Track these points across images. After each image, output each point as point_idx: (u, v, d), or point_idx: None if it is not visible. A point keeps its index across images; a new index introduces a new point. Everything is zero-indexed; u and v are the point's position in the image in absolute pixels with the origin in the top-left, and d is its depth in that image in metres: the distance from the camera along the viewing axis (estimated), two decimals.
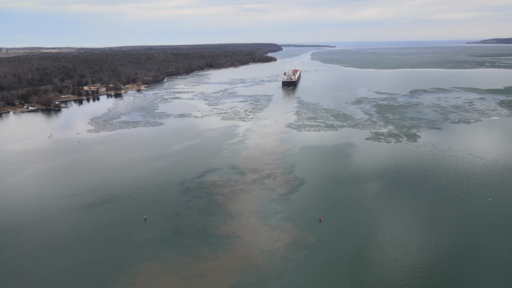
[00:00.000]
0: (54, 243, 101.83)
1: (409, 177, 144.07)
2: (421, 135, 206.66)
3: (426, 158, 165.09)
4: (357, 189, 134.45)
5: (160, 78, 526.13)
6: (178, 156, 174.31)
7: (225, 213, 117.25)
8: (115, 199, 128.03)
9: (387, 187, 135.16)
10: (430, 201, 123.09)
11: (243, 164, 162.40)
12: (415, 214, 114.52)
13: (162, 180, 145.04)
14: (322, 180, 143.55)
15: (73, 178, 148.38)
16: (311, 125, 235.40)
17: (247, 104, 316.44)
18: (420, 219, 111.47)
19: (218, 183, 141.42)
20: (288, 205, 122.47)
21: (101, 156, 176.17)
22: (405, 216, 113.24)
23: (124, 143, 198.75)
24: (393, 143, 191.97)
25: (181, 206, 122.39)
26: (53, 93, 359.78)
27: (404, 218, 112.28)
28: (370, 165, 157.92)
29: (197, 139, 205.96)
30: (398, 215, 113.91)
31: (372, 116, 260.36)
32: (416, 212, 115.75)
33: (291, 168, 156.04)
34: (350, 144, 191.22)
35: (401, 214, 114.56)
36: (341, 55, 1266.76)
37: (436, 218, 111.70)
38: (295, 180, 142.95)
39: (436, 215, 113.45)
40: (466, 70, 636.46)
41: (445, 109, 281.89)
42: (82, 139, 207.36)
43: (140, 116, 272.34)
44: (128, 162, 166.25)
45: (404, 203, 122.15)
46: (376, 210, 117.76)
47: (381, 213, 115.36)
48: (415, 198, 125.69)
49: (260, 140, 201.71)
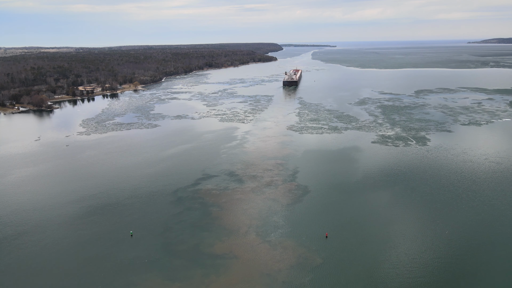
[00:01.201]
0: (25, 264, 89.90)
1: (422, 185, 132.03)
2: (430, 138, 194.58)
3: (439, 164, 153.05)
4: (366, 199, 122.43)
5: (158, 78, 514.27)
6: (172, 162, 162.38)
7: (221, 228, 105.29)
8: (99, 211, 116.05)
9: (398, 197, 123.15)
10: (448, 213, 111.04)
11: (241, 170, 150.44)
12: (432, 228, 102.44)
13: (153, 188, 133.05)
14: (327, 188, 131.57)
15: (55, 186, 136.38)
16: (314, 127, 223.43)
17: (247, 105, 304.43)
18: (438, 234, 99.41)
19: (213, 192, 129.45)
20: (290, 218, 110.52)
21: (89, 161, 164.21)
22: (421, 231, 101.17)
23: (115, 146, 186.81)
24: (401, 147, 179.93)
25: (172, 220, 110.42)
26: (46, 93, 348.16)
27: (419, 233, 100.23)
28: (378, 172, 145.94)
29: (193, 142, 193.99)
30: (412, 230, 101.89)
31: (377, 117, 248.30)
32: (432, 226, 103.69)
33: (293, 175, 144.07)
34: (356, 148, 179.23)
35: (416, 229, 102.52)
36: (342, 55, 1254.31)
37: (457, 233, 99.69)
38: (297, 189, 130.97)
39: (456, 229, 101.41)
40: (471, 69, 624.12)
41: (453, 110, 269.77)
42: (71, 143, 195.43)
43: (134, 117, 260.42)
44: (117, 168, 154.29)
45: (419, 216, 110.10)
46: (389, 223, 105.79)
47: (394, 227, 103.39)
48: (430, 209, 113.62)
49: (259, 143, 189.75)
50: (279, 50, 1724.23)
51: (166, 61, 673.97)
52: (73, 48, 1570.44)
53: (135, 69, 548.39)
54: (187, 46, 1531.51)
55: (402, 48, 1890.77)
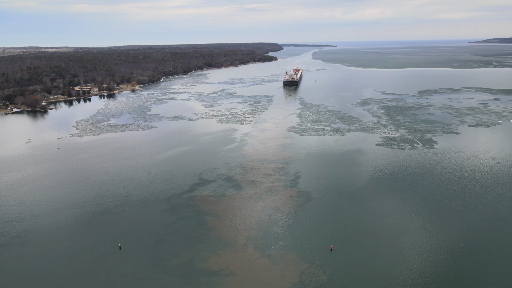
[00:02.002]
0: (3, 281, 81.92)
1: (432, 191, 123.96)
2: (437, 140, 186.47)
3: (448, 168, 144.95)
4: (372, 207, 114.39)
5: (157, 77, 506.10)
6: (167, 165, 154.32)
7: (217, 240, 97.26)
8: (86, 221, 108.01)
9: (407, 205, 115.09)
10: (461, 222, 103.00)
11: (239, 175, 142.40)
12: (445, 240, 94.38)
13: (146, 195, 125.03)
14: (331, 195, 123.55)
15: (41, 193, 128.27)
16: (316, 128, 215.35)
17: (246, 106, 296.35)
18: (452, 248, 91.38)
19: (210, 199, 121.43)
20: (292, 228, 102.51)
21: (80, 165, 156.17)
22: (433, 243, 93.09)
23: (108, 149, 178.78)
24: (407, 149, 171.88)
25: (165, 230, 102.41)
26: (41, 93, 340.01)
27: (431, 246, 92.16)
28: (384, 177, 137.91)
29: (190, 145, 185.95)
30: (424, 242, 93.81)
31: (381, 118, 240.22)
32: (445, 237, 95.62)
33: (295, 181, 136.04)
34: (360, 151, 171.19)
35: (427, 241, 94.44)
36: (343, 55, 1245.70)
37: (472, 247, 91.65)
38: (299, 196, 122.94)
39: (471, 241, 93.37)
40: (474, 69, 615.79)
41: (459, 111, 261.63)
42: (63, 145, 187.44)
43: (130, 118, 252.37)
44: (109, 173, 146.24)
45: (430, 226, 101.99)
46: (397, 234, 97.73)
47: (404, 239, 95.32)
48: (441, 218, 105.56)
49: (259, 146, 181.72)
50: (279, 50, 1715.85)
51: (165, 61, 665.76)
52: (72, 48, 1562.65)
53: (133, 69, 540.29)
54: (187, 46, 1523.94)
55: (403, 48, 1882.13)
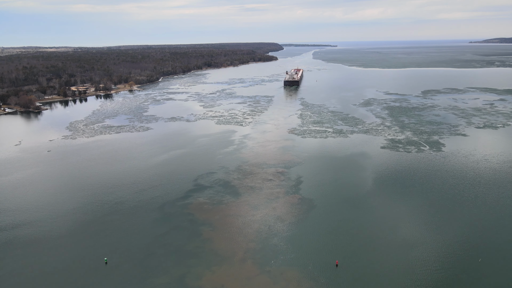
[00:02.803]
0: None
1: (443, 199, 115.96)
2: (445, 143, 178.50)
3: (459, 173, 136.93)
4: (380, 216, 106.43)
5: (155, 77, 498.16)
6: (161, 170, 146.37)
7: (212, 254, 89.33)
8: (71, 232, 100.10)
9: (417, 214, 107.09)
10: (477, 233, 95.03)
11: (238, 180, 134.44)
12: (460, 255, 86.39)
13: (137, 202, 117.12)
14: (335, 202, 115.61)
15: (25, 200, 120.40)
16: (317, 130, 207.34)
17: (246, 106, 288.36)
18: (470, 262, 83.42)
19: (205, 207, 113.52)
20: (294, 240, 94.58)
21: (69, 169, 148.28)
22: (447, 258, 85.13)
23: (101, 152, 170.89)
24: (414, 153, 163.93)
25: (156, 242, 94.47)
26: (36, 93, 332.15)
27: (445, 260, 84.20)
28: (391, 182, 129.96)
29: (186, 147, 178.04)
30: (437, 257, 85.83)
31: (385, 119, 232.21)
32: (461, 252, 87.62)
33: (296, 186, 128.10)
34: (364, 154, 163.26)
35: (441, 256, 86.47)
36: (343, 54, 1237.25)
37: (492, 263, 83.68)
38: (301, 203, 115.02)
39: (491, 258, 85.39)
40: (477, 69, 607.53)
41: (465, 111, 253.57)
42: (54, 148, 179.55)
43: (126, 119, 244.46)
44: (99, 178, 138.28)
45: (443, 238, 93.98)
46: (408, 248, 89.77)
47: (415, 253, 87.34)
48: (455, 229, 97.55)
49: (259, 149, 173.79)
50: (279, 50, 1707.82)
51: (164, 61, 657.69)
52: (72, 47, 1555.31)
53: (131, 69, 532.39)
54: (187, 46, 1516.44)
55: (403, 47, 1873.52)
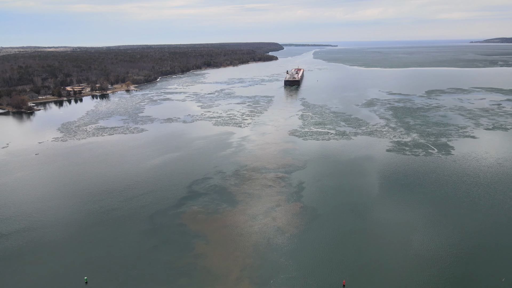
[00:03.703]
0: None
1: (458, 207, 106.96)
2: (454, 145, 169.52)
3: (471, 178, 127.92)
4: (390, 227, 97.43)
5: (153, 77, 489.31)
6: (154, 175, 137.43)
7: (205, 271, 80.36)
8: (51, 245, 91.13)
9: (431, 225, 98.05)
10: (498, 248, 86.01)
11: (235, 187, 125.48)
12: (482, 272, 77.41)
13: (125, 211, 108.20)
14: (340, 211, 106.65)
15: (4, 209, 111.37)
16: (319, 132, 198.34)
17: (245, 107, 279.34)
18: (495, 281, 74.43)
19: (199, 217, 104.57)
20: (295, 255, 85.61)
21: (55, 174, 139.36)
22: (468, 276, 76.14)
23: (92, 155, 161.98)
24: (422, 156, 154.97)
25: (143, 258, 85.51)
26: (30, 93, 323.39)
27: (466, 278, 75.19)
28: (399, 189, 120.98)
29: (182, 150, 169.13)
30: (456, 276, 76.85)
31: (389, 121, 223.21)
32: (482, 268, 78.63)
33: (298, 193, 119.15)
34: (369, 157, 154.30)
35: (461, 275, 77.48)
36: (344, 54, 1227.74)
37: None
38: (304, 212, 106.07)
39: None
40: (480, 69, 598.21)
41: (472, 112, 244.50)
42: (42, 150, 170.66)
43: (120, 120, 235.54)
44: (87, 184, 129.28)
45: (459, 253, 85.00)
46: (423, 264, 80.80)
47: (431, 270, 78.36)
48: (473, 243, 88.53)
49: (258, 152, 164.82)
50: (279, 50, 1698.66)
51: (162, 60, 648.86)
52: (71, 47, 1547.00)
53: (129, 68, 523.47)
54: (187, 46, 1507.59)
55: (404, 47, 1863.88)
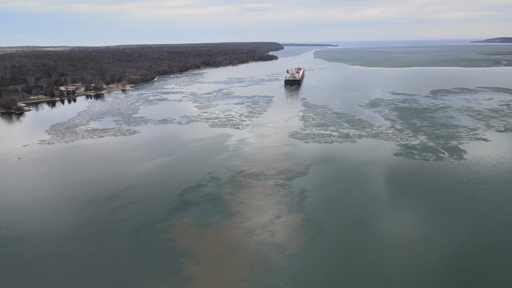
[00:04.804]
0: None
1: (475, 218, 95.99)
2: (466, 149, 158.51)
3: (487, 185, 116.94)
4: (403, 243, 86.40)
5: (150, 77, 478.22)
6: (143, 182, 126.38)
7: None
8: (13, 269, 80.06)
9: (449, 243, 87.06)
10: None
11: (230, 196, 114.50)
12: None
13: (107, 225, 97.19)
14: (346, 225, 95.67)
15: None
16: (322, 134, 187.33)
17: (243, 107, 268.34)
18: None
19: (190, 231, 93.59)
20: (297, 279, 74.67)
21: (34, 181, 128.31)
22: None
23: (77, 160, 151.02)
24: (432, 161, 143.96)
25: (120, 284, 74.45)
26: (21, 93, 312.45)
27: None
28: (410, 198, 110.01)
29: (174, 154, 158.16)
30: None
31: (395, 122, 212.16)
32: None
33: (299, 203, 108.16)
34: (376, 162, 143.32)
35: None
36: (345, 54, 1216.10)
37: None
38: (306, 226, 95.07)
39: None
40: (484, 68, 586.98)
41: (481, 113, 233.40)
42: (26, 154, 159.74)
43: (112, 122, 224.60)
44: (69, 193, 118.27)
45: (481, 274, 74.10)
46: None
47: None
48: (501, 264, 77.61)
49: (256, 156, 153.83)
50: (280, 49, 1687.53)
51: (160, 60, 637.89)
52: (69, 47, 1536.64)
53: (126, 68, 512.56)
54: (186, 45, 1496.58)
55: (405, 47, 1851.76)
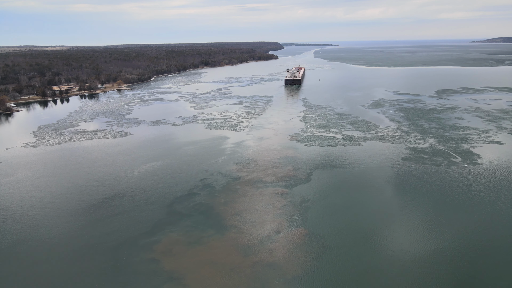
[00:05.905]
0: None
1: (498, 232, 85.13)
2: (479, 152, 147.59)
3: (508, 193, 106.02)
4: (418, 261, 75.48)
5: (147, 76, 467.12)
6: (128, 190, 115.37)
7: None
8: None
9: (469, 255, 76.15)
10: None
11: (224, 206, 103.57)
12: None
13: (85, 241, 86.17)
14: (354, 241, 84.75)
15: None
16: (324, 137, 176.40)
17: (242, 108, 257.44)
18: None
19: (177, 249, 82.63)
20: None
21: (11, 189, 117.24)
22: None
23: (60, 165, 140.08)
24: (444, 166, 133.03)
25: None
26: (12, 93, 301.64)
27: None
28: (422, 209, 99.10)
29: (167, 158, 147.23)
30: None
31: (401, 124, 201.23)
32: None
33: (301, 215, 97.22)
34: (383, 167, 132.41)
35: None
36: (346, 53, 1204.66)
37: None
38: (308, 243, 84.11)
39: None
40: (488, 67, 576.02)
41: (491, 114, 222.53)
42: (6, 159, 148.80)
43: (104, 123, 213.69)
44: (45, 204, 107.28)
45: None
46: None
47: None
48: None
49: (254, 160, 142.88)
50: (280, 49, 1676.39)
51: (158, 59, 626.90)
52: (68, 46, 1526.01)
53: (123, 67, 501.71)
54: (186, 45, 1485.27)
55: (406, 47, 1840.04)
